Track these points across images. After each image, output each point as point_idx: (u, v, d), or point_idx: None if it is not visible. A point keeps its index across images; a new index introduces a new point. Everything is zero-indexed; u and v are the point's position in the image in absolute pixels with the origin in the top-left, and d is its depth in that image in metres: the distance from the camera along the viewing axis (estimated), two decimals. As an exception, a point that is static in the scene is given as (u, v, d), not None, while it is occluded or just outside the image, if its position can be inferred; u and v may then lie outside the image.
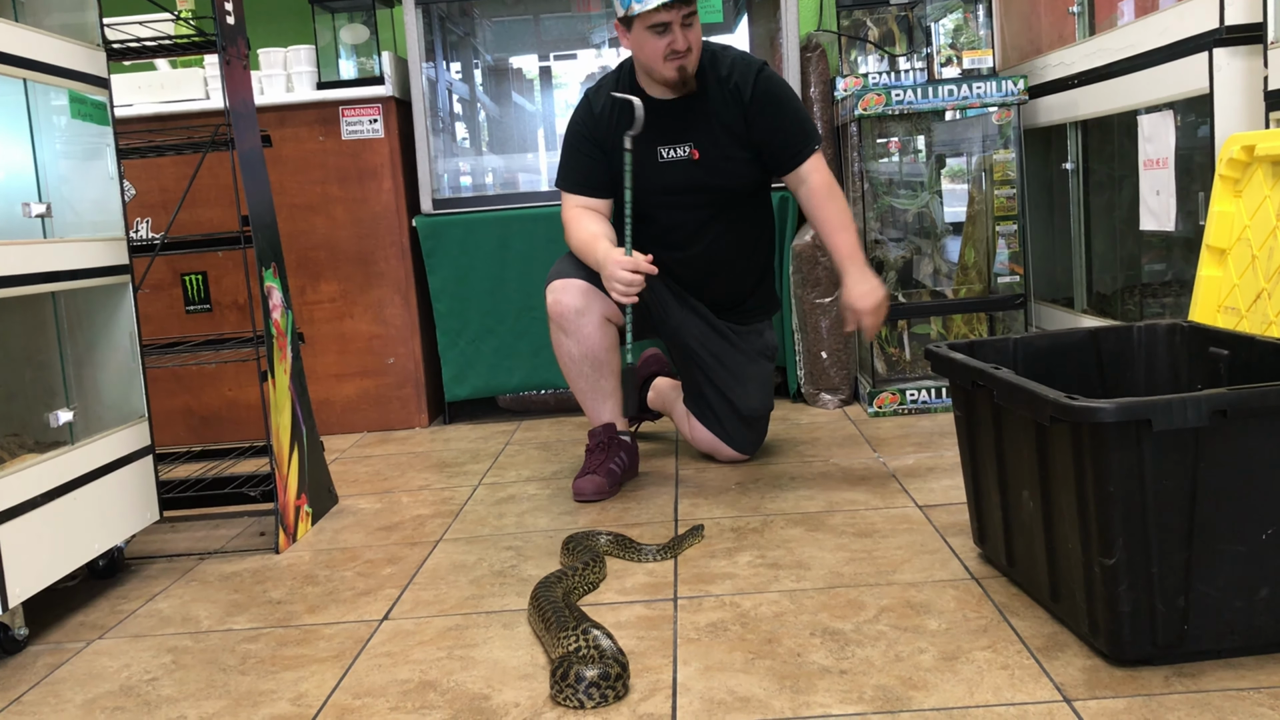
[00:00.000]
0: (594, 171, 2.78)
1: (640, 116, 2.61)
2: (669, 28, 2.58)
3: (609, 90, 2.77)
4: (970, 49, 3.65)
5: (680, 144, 2.76)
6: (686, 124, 2.75)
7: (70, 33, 2.26)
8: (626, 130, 2.62)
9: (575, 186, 2.80)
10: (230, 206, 3.54)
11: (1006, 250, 3.53)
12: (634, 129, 2.61)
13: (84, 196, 2.37)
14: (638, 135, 2.64)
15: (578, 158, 2.80)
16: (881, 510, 2.43)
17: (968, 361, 1.88)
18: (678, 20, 2.58)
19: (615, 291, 2.56)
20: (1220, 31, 2.37)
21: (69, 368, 2.37)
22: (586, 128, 2.79)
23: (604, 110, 2.77)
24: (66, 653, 1.98)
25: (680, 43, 2.60)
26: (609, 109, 2.76)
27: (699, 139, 2.75)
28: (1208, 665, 1.56)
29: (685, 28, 2.60)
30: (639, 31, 2.62)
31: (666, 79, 2.67)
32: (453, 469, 3.15)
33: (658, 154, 2.76)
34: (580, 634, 1.70)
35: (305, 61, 3.67)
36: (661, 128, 2.73)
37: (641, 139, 2.68)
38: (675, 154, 2.76)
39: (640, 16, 2.58)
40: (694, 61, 2.66)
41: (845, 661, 1.67)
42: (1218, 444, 1.50)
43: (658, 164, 2.77)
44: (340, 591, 2.18)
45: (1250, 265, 2.16)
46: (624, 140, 2.62)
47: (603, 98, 2.78)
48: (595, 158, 2.78)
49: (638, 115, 2.61)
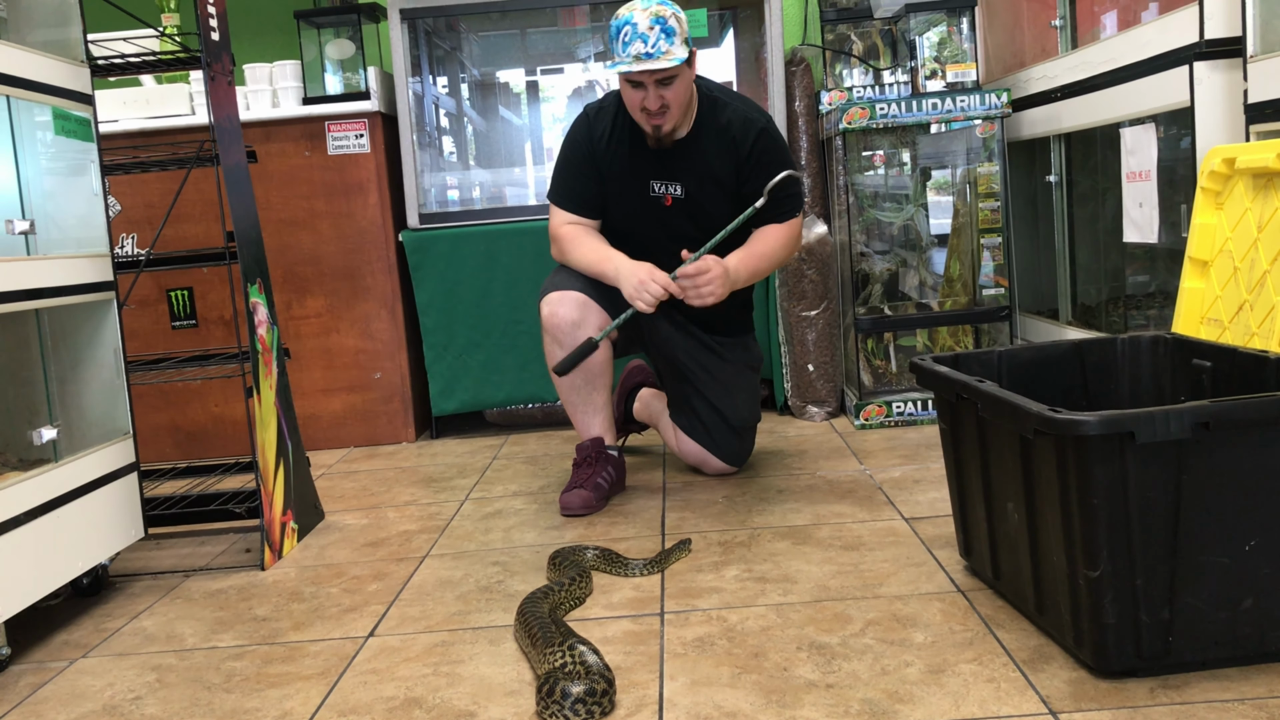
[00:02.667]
0: (589, 192, 2.79)
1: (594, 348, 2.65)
2: (643, 85, 2.58)
3: (611, 115, 2.77)
4: (954, 62, 3.67)
5: (670, 182, 2.77)
6: (678, 164, 2.76)
7: (54, 49, 2.25)
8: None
9: (570, 204, 2.80)
10: (216, 222, 3.55)
11: (991, 262, 3.54)
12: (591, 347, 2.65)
13: (68, 213, 2.36)
14: (629, 165, 2.71)
15: (575, 177, 2.80)
16: (868, 523, 2.43)
17: (952, 374, 1.89)
18: (649, 81, 2.57)
19: (644, 300, 2.55)
20: (1200, 45, 2.39)
21: (53, 385, 2.36)
22: (585, 149, 2.78)
23: (604, 134, 2.77)
24: (50, 672, 1.97)
25: (652, 102, 2.59)
26: (608, 133, 2.76)
27: (687, 181, 2.77)
28: (1192, 677, 1.56)
29: (660, 86, 2.59)
30: (620, 80, 2.63)
31: (646, 134, 2.69)
32: (439, 484, 3.14)
33: (650, 186, 2.78)
34: (566, 650, 1.70)
35: (291, 77, 3.67)
36: (656, 162, 2.75)
37: (636, 169, 2.73)
38: (663, 190, 2.78)
39: (614, 71, 2.59)
40: (672, 119, 2.65)
41: (832, 675, 1.67)
42: (1201, 456, 1.50)
43: (648, 196, 2.79)
44: (326, 608, 2.18)
45: (1232, 277, 2.17)
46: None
47: (604, 121, 2.77)
48: (591, 179, 2.78)
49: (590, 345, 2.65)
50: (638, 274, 2.59)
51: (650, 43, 2.51)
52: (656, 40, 2.52)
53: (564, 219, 2.79)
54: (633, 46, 2.52)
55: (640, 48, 2.51)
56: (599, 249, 2.72)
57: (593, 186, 2.78)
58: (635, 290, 2.58)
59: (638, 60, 2.52)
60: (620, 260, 2.66)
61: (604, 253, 2.70)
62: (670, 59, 2.52)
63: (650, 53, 2.51)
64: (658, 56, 2.52)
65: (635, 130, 2.74)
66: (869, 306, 3.63)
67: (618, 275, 2.63)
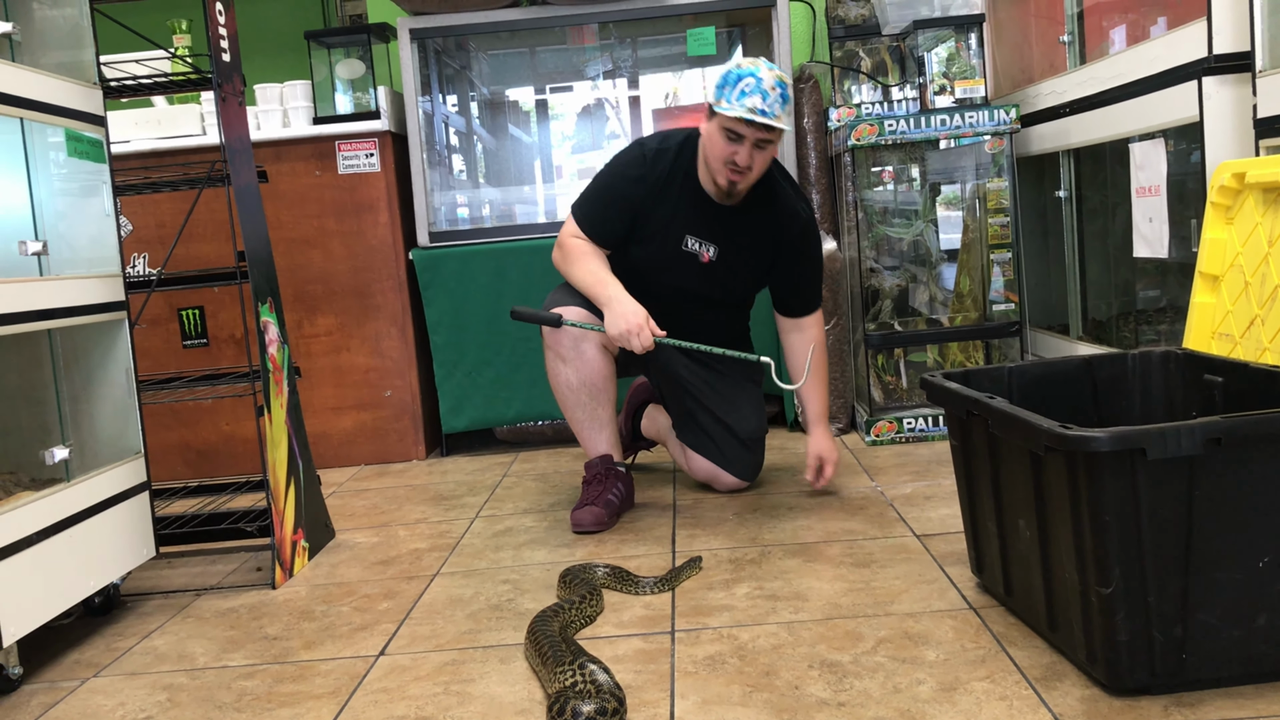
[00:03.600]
0: (613, 232, 2.77)
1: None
2: (741, 139, 2.58)
3: (670, 160, 2.74)
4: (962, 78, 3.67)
5: (707, 243, 2.78)
6: (719, 227, 2.77)
7: (67, 71, 2.27)
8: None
9: (590, 231, 2.77)
10: (227, 241, 3.57)
11: (1001, 278, 3.54)
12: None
13: (80, 233, 2.37)
14: (672, 215, 2.73)
15: (606, 210, 2.77)
16: (879, 540, 2.42)
17: (962, 391, 1.88)
18: (751, 137, 2.58)
19: (627, 344, 2.60)
20: (1209, 60, 2.39)
21: (65, 404, 2.37)
22: (628, 189, 2.75)
23: (658, 178, 2.74)
24: (61, 691, 1.97)
25: (743, 158, 2.60)
26: (663, 178, 2.74)
27: (723, 246, 2.78)
28: (1207, 694, 1.55)
29: (756, 148, 2.60)
30: (715, 126, 2.62)
31: (717, 184, 2.69)
32: (450, 502, 3.14)
33: (684, 240, 2.78)
34: (577, 668, 1.69)
35: (301, 97, 3.69)
36: (698, 220, 2.76)
37: (677, 220, 2.75)
38: (697, 249, 2.78)
39: (721, 114, 2.58)
40: (749, 181, 2.66)
41: (843, 694, 1.67)
42: (1213, 472, 1.50)
43: (679, 249, 2.79)
44: (337, 627, 2.18)
45: (1243, 292, 2.16)
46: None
47: (662, 164, 2.74)
48: (622, 220, 2.76)
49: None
50: (629, 321, 2.58)
51: (769, 101, 2.53)
52: (774, 102, 2.54)
53: (576, 232, 2.79)
54: (751, 99, 2.52)
55: (758, 103, 2.52)
56: (599, 272, 2.70)
57: (619, 227, 2.77)
58: (621, 335, 2.59)
59: (752, 113, 2.53)
60: (616, 291, 2.65)
61: (603, 277, 2.69)
62: (781, 124, 2.56)
63: (766, 110, 2.53)
64: (772, 116, 2.54)
65: (688, 182, 2.74)
66: (879, 322, 3.63)
67: (609, 305, 2.63)
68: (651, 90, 4.36)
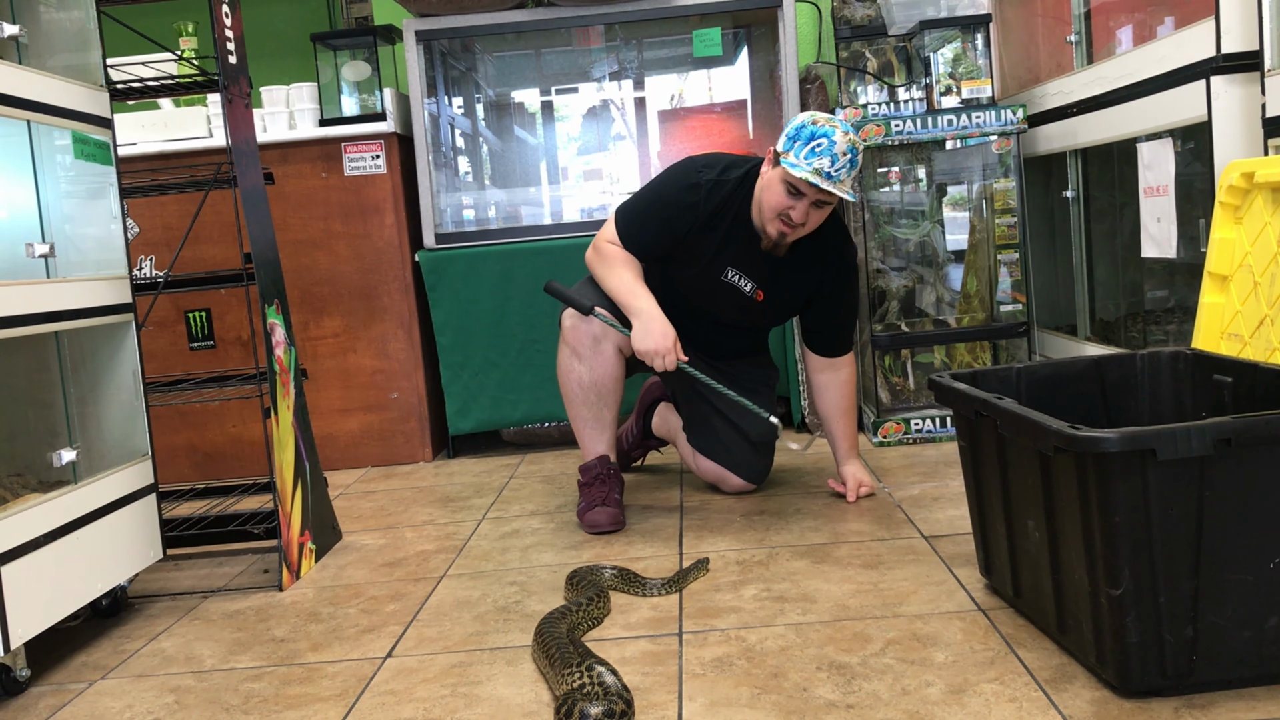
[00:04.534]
0: (652, 250, 2.75)
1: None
2: (800, 195, 2.56)
3: (725, 194, 2.70)
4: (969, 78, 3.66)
5: (747, 278, 2.76)
6: (764, 264, 2.75)
7: (73, 74, 2.27)
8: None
9: (628, 243, 2.73)
10: (233, 243, 3.57)
11: (1009, 278, 3.53)
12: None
13: (87, 235, 2.38)
14: (719, 246, 2.72)
15: (649, 229, 2.73)
16: (887, 541, 2.42)
17: (970, 391, 1.88)
18: (811, 196, 2.55)
19: (651, 363, 2.60)
20: (1217, 59, 2.38)
21: (72, 407, 2.37)
22: (678, 213, 2.70)
23: (710, 212, 2.70)
24: (69, 694, 1.97)
25: (799, 215, 2.58)
26: (714, 212, 2.70)
27: (763, 280, 2.77)
28: (1218, 696, 1.55)
29: (814, 206, 2.58)
30: (776, 177, 2.59)
31: (765, 233, 2.66)
32: (457, 503, 3.14)
33: (725, 271, 2.76)
34: (585, 670, 1.69)
35: (307, 99, 3.69)
36: (743, 255, 2.74)
37: (721, 253, 2.73)
38: (737, 282, 2.77)
39: (784, 168, 2.55)
40: (798, 235, 2.65)
41: (852, 696, 1.66)
42: (1223, 473, 1.49)
43: (718, 280, 2.77)
44: (344, 629, 2.17)
45: (1252, 292, 2.16)
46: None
47: (716, 198, 2.69)
48: (662, 241, 2.74)
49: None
50: (659, 340, 2.58)
51: (836, 166, 2.50)
52: (842, 168, 2.51)
53: (614, 238, 2.74)
54: (819, 160, 2.49)
55: (826, 164, 2.49)
56: (632, 284, 2.68)
57: (659, 248, 2.75)
58: (646, 352, 2.59)
59: (818, 175, 2.50)
60: (649, 305, 2.63)
61: (635, 289, 2.67)
62: (844, 191, 2.53)
63: (833, 174, 2.50)
64: (837, 181, 2.51)
65: (738, 217, 2.71)
66: (886, 323, 3.62)
67: (640, 317, 2.62)
68: (657, 91, 4.36)
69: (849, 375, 2.88)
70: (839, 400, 2.86)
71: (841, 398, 2.86)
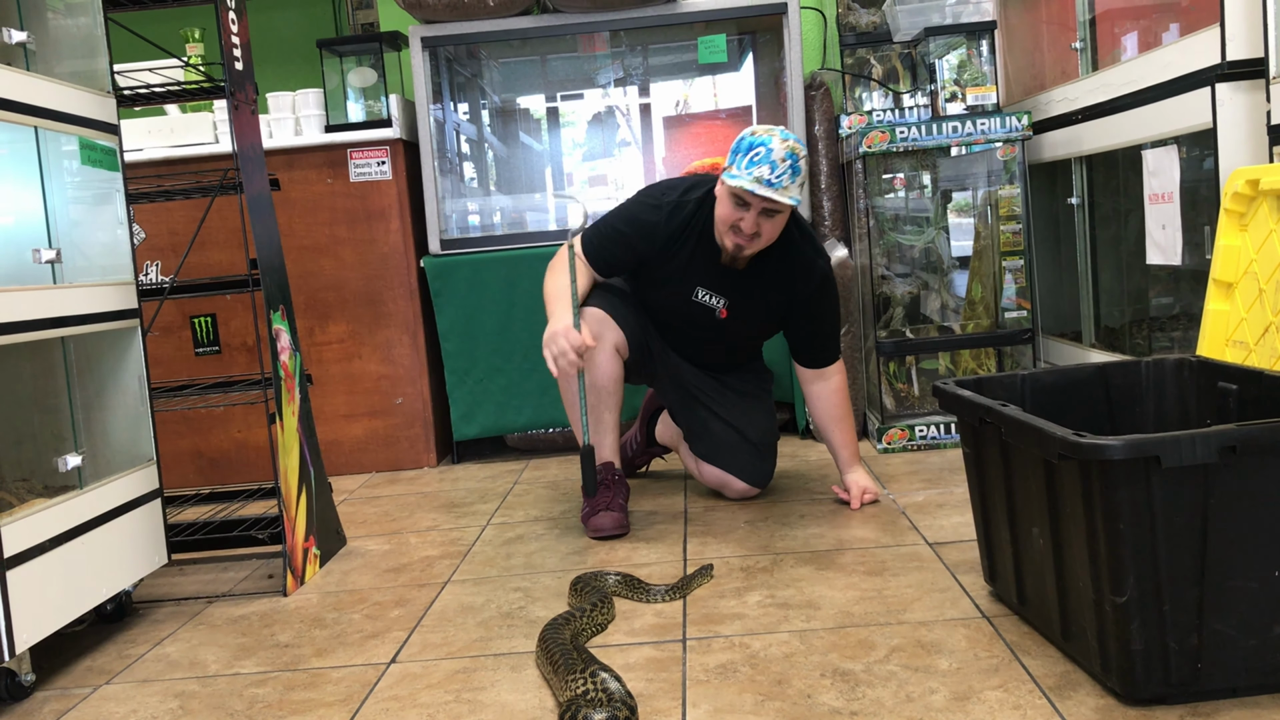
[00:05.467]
0: (613, 264, 2.81)
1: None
2: (748, 206, 2.58)
3: (686, 217, 2.74)
4: (974, 85, 3.67)
5: (716, 295, 2.79)
6: (730, 282, 2.78)
7: (80, 80, 2.28)
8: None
9: (591, 256, 2.79)
10: (239, 249, 3.58)
11: (1014, 285, 3.53)
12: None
13: (94, 241, 2.38)
14: (685, 267, 2.75)
15: (613, 248, 2.78)
16: (891, 548, 2.41)
17: (975, 398, 1.88)
18: (757, 205, 2.57)
19: (549, 354, 2.56)
20: (1222, 66, 2.38)
21: (78, 412, 2.38)
22: (639, 234, 2.75)
23: (672, 234, 2.74)
24: (73, 698, 1.98)
25: (749, 225, 2.59)
26: (677, 234, 2.74)
27: (734, 300, 2.80)
28: (1222, 704, 1.54)
29: (763, 216, 2.60)
30: (725, 191, 2.62)
31: (724, 246, 2.69)
32: (461, 509, 3.14)
33: (695, 291, 2.80)
34: (588, 676, 1.69)
35: (313, 105, 3.70)
36: (710, 274, 2.77)
37: (689, 273, 2.77)
38: (708, 301, 2.80)
39: (729, 183, 2.57)
40: (756, 248, 2.66)
41: (856, 703, 1.66)
42: (1228, 480, 1.49)
43: (690, 300, 2.81)
44: (348, 634, 2.17)
45: (1257, 299, 2.15)
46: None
47: (678, 220, 2.74)
48: (625, 261, 2.80)
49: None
50: (551, 341, 2.56)
51: (776, 173, 2.52)
52: (783, 174, 2.52)
53: (576, 250, 2.78)
54: (758, 169, 2.52)
55: (765, 173, 2.52)
56: (561, 292, 2.68)
57: (621, 266, 2.82)
58: (546, 345, 2.57)
59: (757, 183, 2.52)
60: (561, 310, 2.63)
61: (562, 297, 2.67)
62: (787, 196, 2.54)
63: (773, 181, 2.52)
64: (778, 188, 2.52)
65: (702, 238, 2.75)
66: (890, 330, 3.62)
67: (551, 320, 2.62)
68: (662, 98, 4.36)
69: (839, 383, 2.88)
70: (831, 409, 2.87)
71: (833, 406, 2.87)
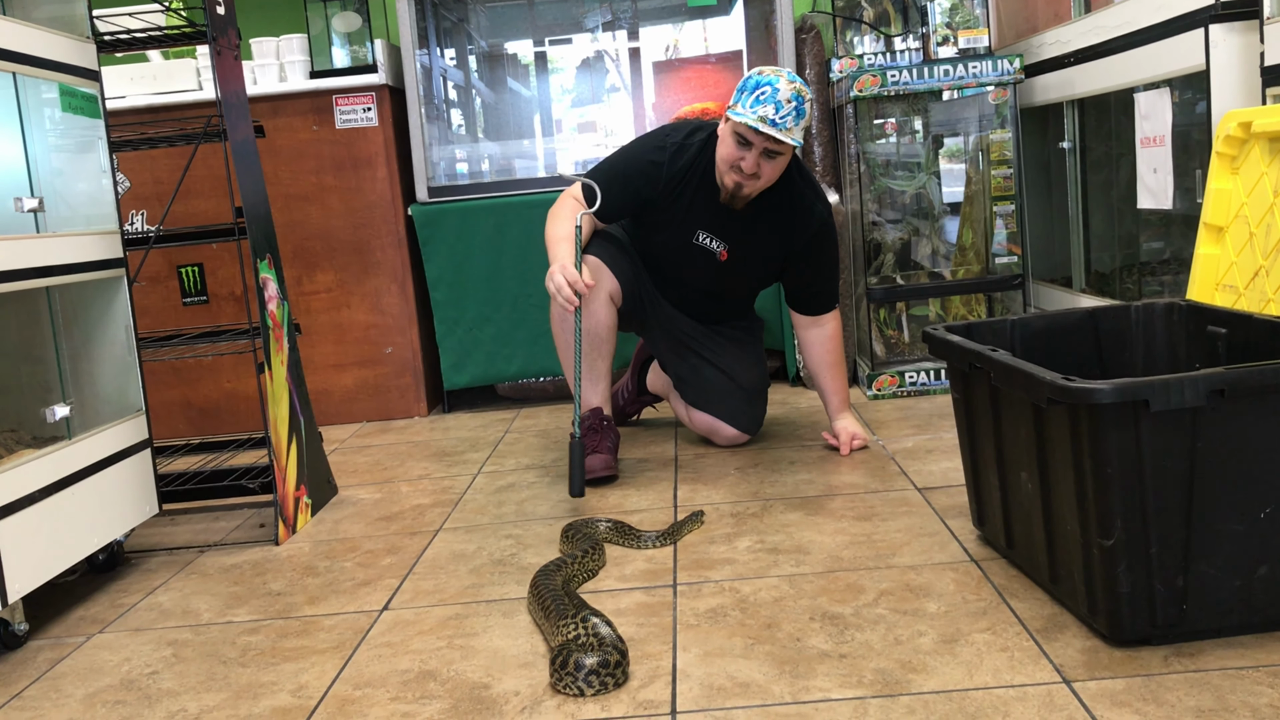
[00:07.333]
0: (616, 212, 2.78)
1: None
2: (750, 145, 2.57)
3: (689, 160, 2.74)
4: (966, 28, 3.63)
5: (716, 239, 2.79)
6: (732, 225, 2.77)
7: (59, 25, 2.24)
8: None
9: (592, 202, 2.75)
10: (224, 197, 3.55)
11: (1004, 230, 3.52)
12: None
13: (77, 190, 2.36)
14: (687, 209, 2.74)
15: (616, 192, 2.74)
16: (881, 493, 2.42)
17: (964, 344, 1.87)
18: (759, 145, 2.56)
19: (551, 285, 2.53)
20: (1216, 7, 2.36)
21: (65, 362, 2.37)
22: (642, 176, 2.75)
23: (675, 176, 2.74)
24: (67, 647, 1.98)
25: (750, 164, 2.59)
26: (679, 177, 2.74)
27: (734, 243, 2.79)
28: (1207, 644, 1.56)
29: (764, 157, 2.59)
30: (728, 130, 2.61)
31: (723, 185, 2.68)
32: (452, 458, 3.14)
33: (695, 234, 2.80)
34: (580, 622, 1.70)
35: (298, 50, 3.65)
36: (711, 217, 2.76)
37: (690, 217, 2.76)
38: (709, 245, 2.80)
39: (734, 120, 2.57)
40: (757, 188, 2.65)
41: (845, 645, 1.67)
42: (1216, 424, 1.49)
43: (691, 243, 2.80)
44: (340, 582, 2.18)
45: (1248, 242, 2.15)
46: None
47: (680, 162, 2.74)
48: (628, 204, 2.77)
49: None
50: (552, 278, 2.53)
51: (781, 113, 2.51)
52: (787, 115, 2.52)
53: (578, 195, 2.76)
54: (763, 108, 2.51)
55: (770, 112, 2.51)
56: (566, 238, 2.64)
57: (624, 210, 2.79)
58: (550, 284, 2.54)
59: (761, 121, 2.51)
60: (564, 252, 2.60)
61: (565, 241, 2.64)
62: (790, 137, 2.53)
63: (777, 121, 2.51)
64: (781, 129, 2.52)
65: (704, 181, 2.74)
66: (881, 276, 3.61)
67: (553, 261, 2.60)
68: (652, 42, 4.31)
69: (834, 330, 2.89)
70: (824, 355, 2.88)
71: (827, 352, 2.87)
